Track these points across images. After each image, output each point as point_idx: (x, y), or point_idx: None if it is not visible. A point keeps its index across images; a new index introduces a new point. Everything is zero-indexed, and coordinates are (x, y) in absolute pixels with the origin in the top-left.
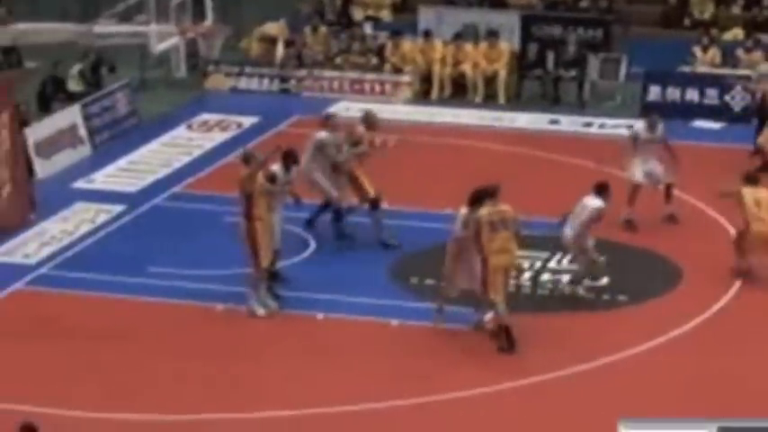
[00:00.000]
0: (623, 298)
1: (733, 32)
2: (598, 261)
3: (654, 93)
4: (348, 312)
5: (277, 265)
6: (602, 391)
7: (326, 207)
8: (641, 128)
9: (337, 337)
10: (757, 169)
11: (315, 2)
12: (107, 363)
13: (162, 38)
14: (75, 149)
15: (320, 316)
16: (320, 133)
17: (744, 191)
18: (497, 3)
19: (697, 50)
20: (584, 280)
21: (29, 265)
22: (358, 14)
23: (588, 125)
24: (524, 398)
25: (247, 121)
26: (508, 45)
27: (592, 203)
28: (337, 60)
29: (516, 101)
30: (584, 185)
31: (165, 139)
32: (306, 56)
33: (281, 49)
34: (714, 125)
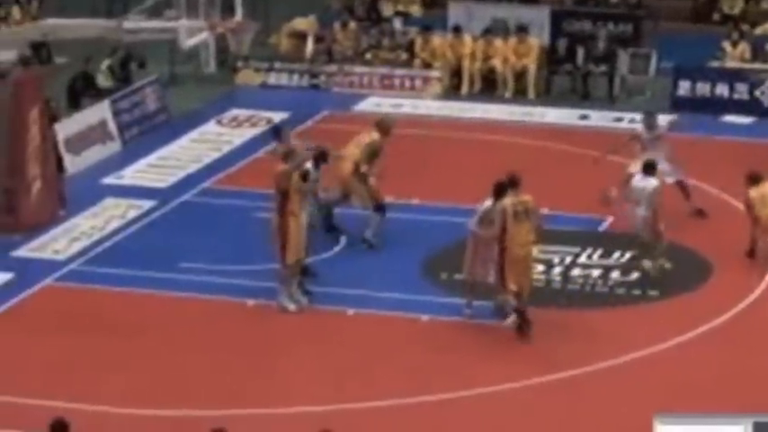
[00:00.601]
0: (654, 293)
1: (763, 27)
2: (664, 246)
3: (683, 88)
4: (378, 308)
5: (306, 261)
6: (634, 387)
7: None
8: (641, 129)
9: (367, 332)
10: None
11: None
12: (137, 358)
13: (191, 33)
14: (104, 145)
15: (350, 311)
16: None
17: (750, 192)
18: None
19: (727, 45)
20: (660, 259)
21: (59, 261)
22: (387, 10)
23: (618, 120)
24: (554, 393)
25: (277, 117)
26: (538, 40)
27: (651, 184)
28: (367, 56)
29: (546, 96)
30: (615, 181)
31: (194, 134)
32: (335, 51)
33: (310, 45)
34: (744, 120)
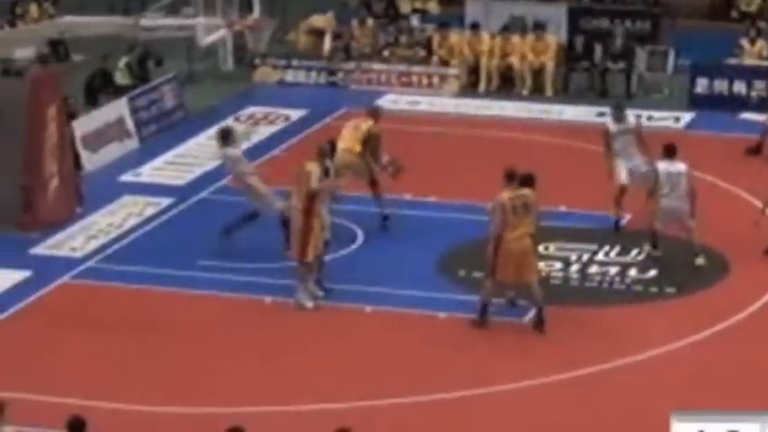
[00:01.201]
0: (671, 290)
1: None
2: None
3: (701, 85)
4: (395, 305)
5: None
6: (651, 384)
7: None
8: (609, 121)
9: (385, 330)
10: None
11: None
12: (154, 356)
13: (209, 31)
14: (122, 143)
15: (368, 309)
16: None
17: None
18: None
19: (744, 42)
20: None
21: (76, 259)
22: (405, 7)
23: (636, 117)
24: (571, 391)
25: (295, 114)
26: (555, 37)
27: (681, 168)
28: (385, 53)
29: (564, 93)
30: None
31: (212, 132)
32: (353, 48)
33: (328, 42)
34: (762, 117)
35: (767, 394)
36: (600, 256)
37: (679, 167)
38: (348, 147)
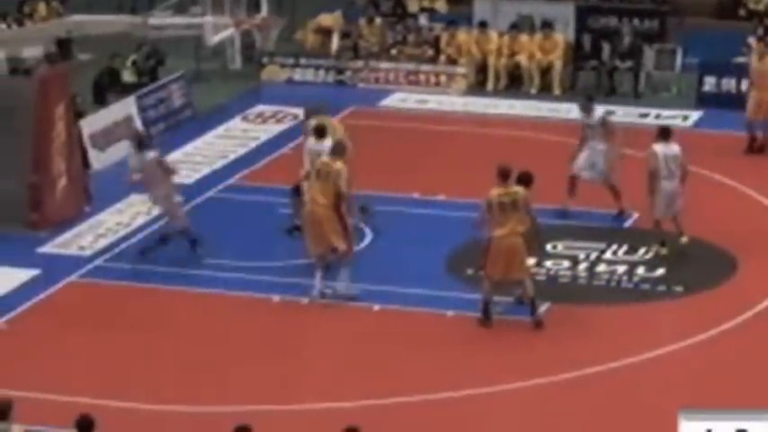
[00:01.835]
0: (679, 288)
1: None
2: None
3: (709, 83)
4: (403, 304)
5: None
6: (659, 383)
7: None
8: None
9: (393, 328)
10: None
11: None
12: (162, 354)
13: (217, 29)
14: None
15: (376, 307)
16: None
17: None
18: None
19: (752, 41)
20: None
21: (84, 258)
22: (413, 6)
23: (644, 116)
24: (579, 389)
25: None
26: (563, 36)
27: (676, 150)
28: (392, 52)
29: (571, 92)
30: (640, 176)
31: (220, 130)
32: (361, 47)
33: (336, 41)
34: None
35: None
36: (608, 254)
37: (674, 149)
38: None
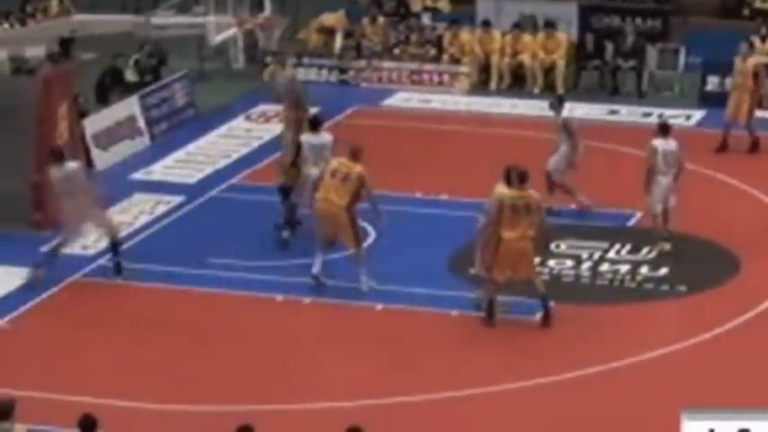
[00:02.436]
0: (682, 288)
1: None
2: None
3: (712, 83)
4: (407, 303)
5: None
6: (662, 382)
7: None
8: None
9: (396, 328)
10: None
11: None
12: (165, 354)
13: (220, 29)
14: (133, 141)
15: (379, 307)
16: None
17: None
18: None
19: (756, 40)
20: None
21: (87, 257)
22: (416, 5)
23: (647, 115)
24: (581, 389)
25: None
26: (566, 36)
27: (674, 146)
28: (395, 51)
29: (575, 91)
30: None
31: (223, 130)
32: (364, 47)
33: (339, 40)
34: None
35: None
36: (611, 254)
37: (672, 145)
38: None
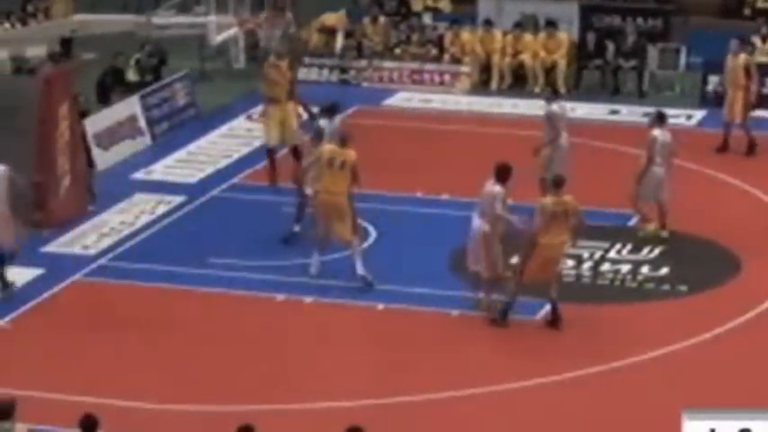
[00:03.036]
0: (683, 288)
1: None
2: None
3: (713, 83)
4: (408, 303)
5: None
6: (662, 382)
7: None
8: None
9: (396, 327)
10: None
11: None
12: (166, 354)
13: (221, 29)
14: (134, 140)
15: (380, 306)
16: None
17: None
18: None
19: (756, 40)
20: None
21: (88, 257)
22: (417, 5)
23: (648, 115)
24: (582, 389)
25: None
26: (567, 35)
27: (669, 137)
28: (396, 51)
29: (576, 91)
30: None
31: (224, 129)
32: (365, 46)
33: (340, 40)
34: None
35: None
36: (612, 253)
37: (668, 136)
38: None
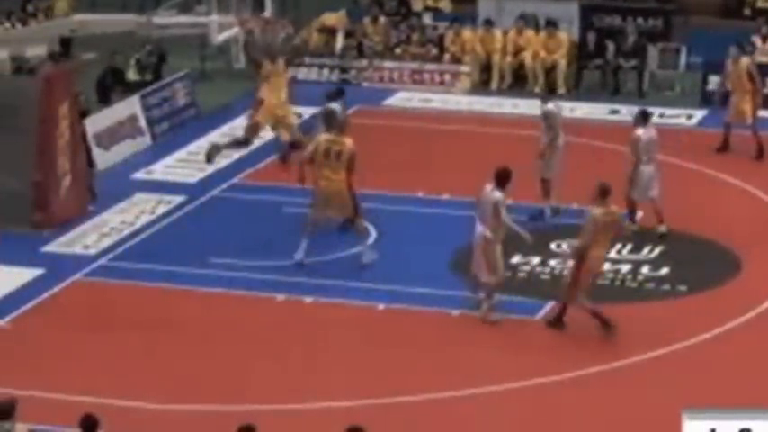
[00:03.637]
0: (683, 288)
1: None
2: None
3: (713, 82)
4: (409, 303)
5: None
6: (663, 382)
7: None
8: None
9: (397, 327)
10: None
11: None
12: (166, 353)
13: (221, 29)
14: (134, 140)
15: (381, 306)
16: None
17: None
18: None
19: (757, 40)
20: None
21: (88, 257)
22: (417, 5)
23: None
24: (582, 388)
25: (307, 112)
26: (567, 35)
27: (654, 134)
28: (397, 51)
29: (576, 91)
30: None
31: (224, 129)
32: (365, 46)
33: (340, 40)
34: None
35: None
36: (612, 253)
37: (652, 133)
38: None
